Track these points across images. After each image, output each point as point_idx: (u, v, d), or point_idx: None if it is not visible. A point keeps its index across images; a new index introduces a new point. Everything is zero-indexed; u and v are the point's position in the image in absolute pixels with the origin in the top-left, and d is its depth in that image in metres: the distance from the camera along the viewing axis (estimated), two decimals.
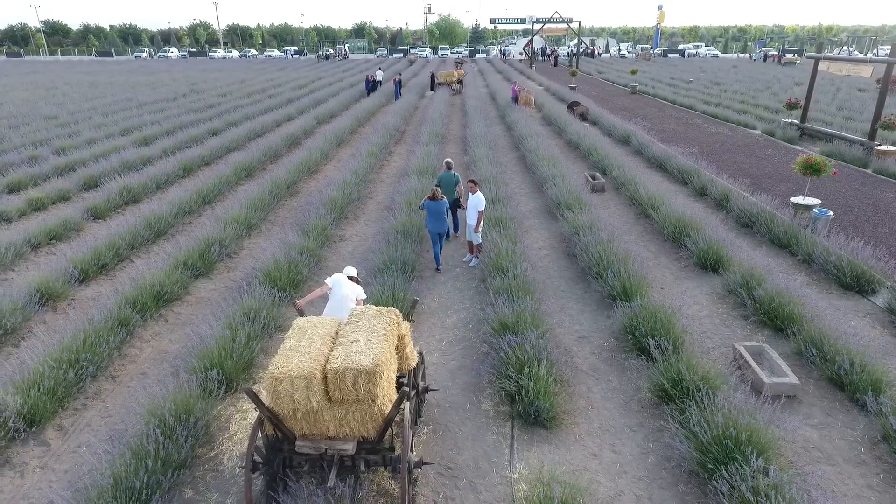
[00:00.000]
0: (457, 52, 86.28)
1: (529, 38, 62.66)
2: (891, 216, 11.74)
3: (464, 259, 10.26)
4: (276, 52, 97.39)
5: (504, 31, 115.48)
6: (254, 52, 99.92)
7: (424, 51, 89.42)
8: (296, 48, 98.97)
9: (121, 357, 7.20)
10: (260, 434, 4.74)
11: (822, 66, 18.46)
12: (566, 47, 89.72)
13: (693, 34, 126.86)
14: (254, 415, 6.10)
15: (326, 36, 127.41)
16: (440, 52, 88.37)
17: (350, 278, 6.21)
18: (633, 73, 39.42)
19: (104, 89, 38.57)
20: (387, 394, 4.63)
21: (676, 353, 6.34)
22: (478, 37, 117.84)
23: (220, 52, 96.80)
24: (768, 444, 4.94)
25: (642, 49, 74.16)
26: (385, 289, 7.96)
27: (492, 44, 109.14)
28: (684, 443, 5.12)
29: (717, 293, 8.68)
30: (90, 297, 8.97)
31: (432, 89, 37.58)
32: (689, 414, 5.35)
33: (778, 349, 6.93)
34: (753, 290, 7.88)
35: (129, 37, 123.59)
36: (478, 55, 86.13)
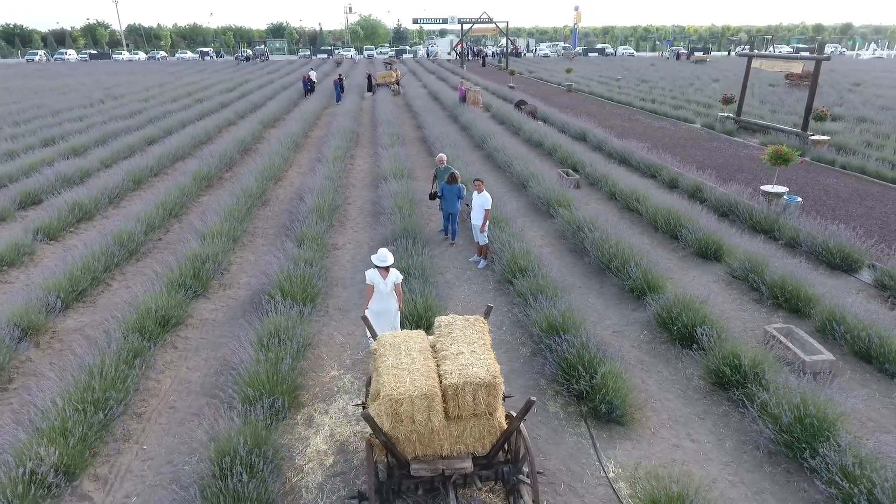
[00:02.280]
0: (384, 53, 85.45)
1: (460, 38, 63.22)
2: (843, 199, 12.88)
3: (470, 259, 10.16)
4: (189, 54, 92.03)
5: (429, 31, 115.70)
6: (163, 53, 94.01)
7: (349, 51, 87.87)
8: (210, 49, 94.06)
9: (140, 392, 6.51)
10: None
11: (755, 64, 19.94)
12: (490, 47, 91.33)
13: (610, 34, 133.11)
14: (317, 441, 5.72)
15: (241, 36, 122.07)
16: (366, 53, 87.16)
17: (382, 268, 6.49)
18: (569, 71, 40.79)
19: (2, 95, 34.86)
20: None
21: (722, 340, 6.59)
22: (400, 37, 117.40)
23: (126, 55, 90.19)
24: (838, 419, 5.24)
25: (564, 49, 76.95)
26: (416, 296, 7.73)
27: (416, 44, 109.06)
28: (769, 426, 5.33)
29: (723, 280, 9.13)
30: (74, 329, 8.06)
31: (370, 90, 36.90)
32: (763, 397, 5.56)
33: (800, 329, 7.37)
34: (763, 274, 8.36)
35: (16, 38, 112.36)
36: (405, 55, 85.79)
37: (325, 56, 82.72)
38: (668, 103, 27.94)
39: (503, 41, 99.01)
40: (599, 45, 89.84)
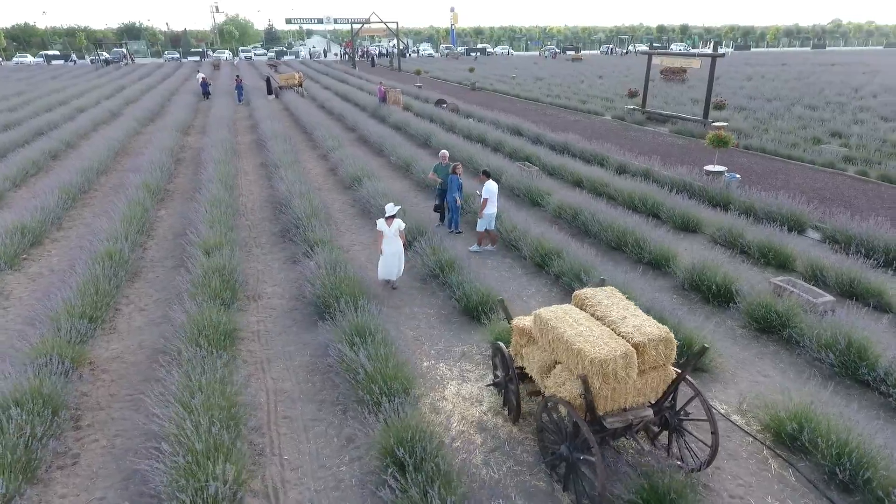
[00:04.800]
0: (262, 54, 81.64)
1: (350, 38, 62.48)
2: (761, 175, 15.21)
3: (472, 249, 10.65)
4: (31, 58, 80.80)
5: (308, 30, 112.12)
6: None
7: (224, 53, 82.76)
8: (72, 53, 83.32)
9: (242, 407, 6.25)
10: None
11: (655, 61, 22.48)
12: (373, 47, 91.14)
13: (487, 34, 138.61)
14: (453, 424, 5.96)
15: (87, 37, 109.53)
16: (243, 55, 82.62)
17: (388, 218, 8.57)
18: (472, 70, 42.33)
19: None
20: None
21: (757, 293, 7.81)
22: (272, 38, 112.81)
23: None
24: (870, 342, 6.61)
25: (447, 49, 79.22)
26: (475, 284, 8.12)
27: (291, 45, 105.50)
28: (829, 353, 6.54)
29: (708, 247, 10.56)
30: (111, 358, 7.40)
31: (270, 93, 35.42)
32: (817, 332, 6.79)
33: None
34: (748, 238, 9.85)
35: None
36: (285, 56, 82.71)
37: (197, 59, 77.13)
38: (573, 98, 30.29)
39: (383, 42, 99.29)
40: (481, 45, 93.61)
